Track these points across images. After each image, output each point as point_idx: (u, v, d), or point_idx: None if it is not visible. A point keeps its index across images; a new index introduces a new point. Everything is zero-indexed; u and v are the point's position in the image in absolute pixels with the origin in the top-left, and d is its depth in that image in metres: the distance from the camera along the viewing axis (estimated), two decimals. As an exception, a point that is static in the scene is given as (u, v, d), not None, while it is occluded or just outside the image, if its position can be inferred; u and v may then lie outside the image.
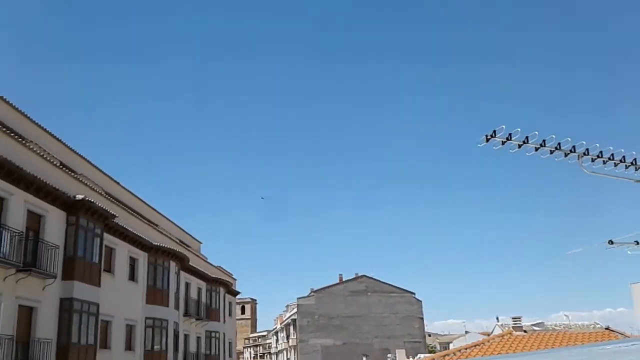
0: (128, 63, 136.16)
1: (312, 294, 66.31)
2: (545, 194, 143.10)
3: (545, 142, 8.31)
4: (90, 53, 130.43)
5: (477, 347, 21.76)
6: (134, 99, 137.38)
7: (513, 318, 31.25)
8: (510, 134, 8.20)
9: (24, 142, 20.58)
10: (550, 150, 8.39)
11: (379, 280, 66.56)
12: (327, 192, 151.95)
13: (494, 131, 8.05)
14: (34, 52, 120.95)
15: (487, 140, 8.13)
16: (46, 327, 20.67)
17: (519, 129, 8.17)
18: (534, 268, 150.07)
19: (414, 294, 66.39)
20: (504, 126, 8.11)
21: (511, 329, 27.54)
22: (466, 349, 22.16)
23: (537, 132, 8.28)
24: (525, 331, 27.69)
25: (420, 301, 66.22)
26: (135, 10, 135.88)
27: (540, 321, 45.03)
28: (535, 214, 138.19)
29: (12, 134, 19.91)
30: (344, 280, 67.74)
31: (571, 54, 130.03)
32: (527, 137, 8.26)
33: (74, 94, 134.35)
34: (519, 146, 8.27)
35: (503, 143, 8.28)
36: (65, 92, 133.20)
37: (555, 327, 40.98)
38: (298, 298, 66.12)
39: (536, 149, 8.31)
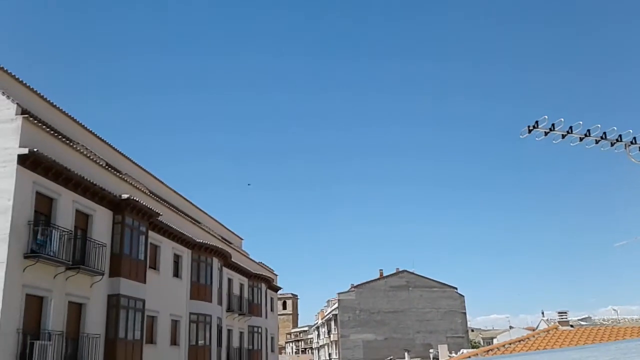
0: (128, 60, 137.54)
1: (353, 289, 66.28)
2: (590, 187, 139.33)
3: (590, 131, 8.06)
4: (91, 51, 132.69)
5: (521, 342, 21.38)
6: (153, 95, 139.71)
7: (559, 313, 30.42)
8: (553, 124, 7.98)
9: (71, 144, 21.19)
10: (596, 140, 8.14)
11: (420, 275, 66.05)
12: (367, 187, 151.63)
13: (537, 122, 7.86)
14: (33, 51, 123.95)
15: (530, 131, 7.94)
16: (94, 322, 21.28)
17: (562, 119, 7.95)
18: (581, 262, 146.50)
19: (456, 288, 65.68)
20: (546, 116, 7.91)
21: (557, 323, 26.90)
22: (510, 344, 21.79)
23: (581, 122, 8.04)
24: (571, 326, 26.99)
25: (463, 296, 65.46)
26: (133, 10, 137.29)
27: (587, 316, 43.91)
28: (580, 207, 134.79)
29: (59, 137, 20.53)
30: (384, 275, 67.49)
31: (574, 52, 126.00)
32: (571, 127, 8.02)
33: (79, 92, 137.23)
34: (563, 136, 8.05)
35: (546, 134, 8.07)
36: (68, 91, 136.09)
37: (604, 322, 39.87)
38: (338, 293, 66.19)
39: (580, 139, 8.08)
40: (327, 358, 77.15)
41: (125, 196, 23.17)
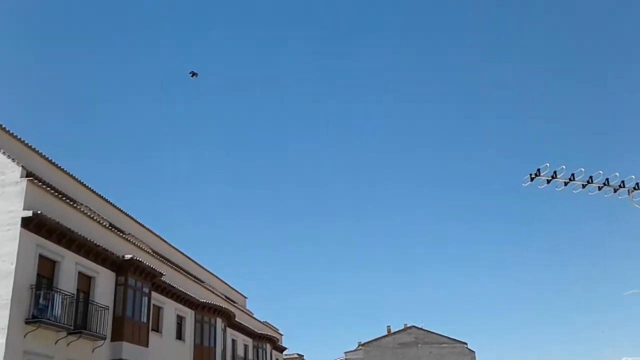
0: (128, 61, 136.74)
1: (360, 347, 64.84)
2: (594, 237, 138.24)
3: (593, 178, 8.07)
4: (92, 52, 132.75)
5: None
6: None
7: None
8: (555, 172, 7.98)
9: (74, 204, 21.25)
10: (599, 187, 8.13)
11: (429, 331, 64.78)
12: (371, 245, 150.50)
13: (538, 170, 7.86)
14: (29, 101, 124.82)
15: (532, 179, 7.93)
16: (97, 388, 20.74)
17: (564, 166, 7.95)
18: (591, 314, 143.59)
19: (466, 344, 64.26)
20: (548, 164, 7.91)
21: (572, 377, 26.10)
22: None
23: (583, 169, 8.05)
24: (587, 380, 26.20)
25: (473, 351, 63.97)
26: (132, 9, 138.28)
27: (602, 369, 42.69)
28: (586, 259, 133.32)
29: (63, 198, 20.61)
30: (392, 331, 66.15)
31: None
32: (573, 174, 8.02)
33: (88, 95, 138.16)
34: (565, 184, 8.04)
35: (548, 182, 8.05)
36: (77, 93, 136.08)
37: (619, 375, 38.71)
38: (345, 352, 64.72)
39: (583, 186, 8.06)
40: (336, 421, 74.57)
41: (128, 257, 23.02)
